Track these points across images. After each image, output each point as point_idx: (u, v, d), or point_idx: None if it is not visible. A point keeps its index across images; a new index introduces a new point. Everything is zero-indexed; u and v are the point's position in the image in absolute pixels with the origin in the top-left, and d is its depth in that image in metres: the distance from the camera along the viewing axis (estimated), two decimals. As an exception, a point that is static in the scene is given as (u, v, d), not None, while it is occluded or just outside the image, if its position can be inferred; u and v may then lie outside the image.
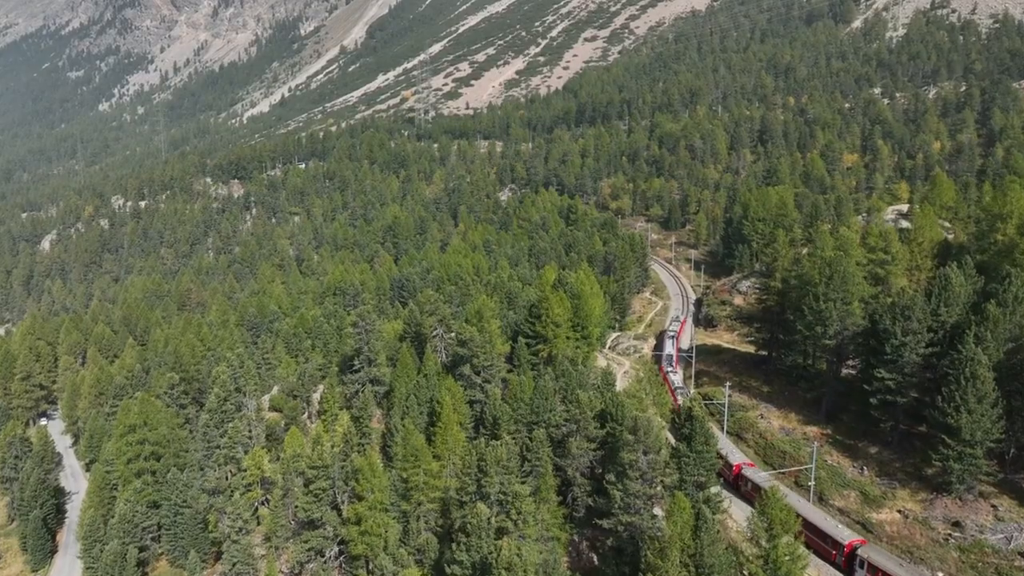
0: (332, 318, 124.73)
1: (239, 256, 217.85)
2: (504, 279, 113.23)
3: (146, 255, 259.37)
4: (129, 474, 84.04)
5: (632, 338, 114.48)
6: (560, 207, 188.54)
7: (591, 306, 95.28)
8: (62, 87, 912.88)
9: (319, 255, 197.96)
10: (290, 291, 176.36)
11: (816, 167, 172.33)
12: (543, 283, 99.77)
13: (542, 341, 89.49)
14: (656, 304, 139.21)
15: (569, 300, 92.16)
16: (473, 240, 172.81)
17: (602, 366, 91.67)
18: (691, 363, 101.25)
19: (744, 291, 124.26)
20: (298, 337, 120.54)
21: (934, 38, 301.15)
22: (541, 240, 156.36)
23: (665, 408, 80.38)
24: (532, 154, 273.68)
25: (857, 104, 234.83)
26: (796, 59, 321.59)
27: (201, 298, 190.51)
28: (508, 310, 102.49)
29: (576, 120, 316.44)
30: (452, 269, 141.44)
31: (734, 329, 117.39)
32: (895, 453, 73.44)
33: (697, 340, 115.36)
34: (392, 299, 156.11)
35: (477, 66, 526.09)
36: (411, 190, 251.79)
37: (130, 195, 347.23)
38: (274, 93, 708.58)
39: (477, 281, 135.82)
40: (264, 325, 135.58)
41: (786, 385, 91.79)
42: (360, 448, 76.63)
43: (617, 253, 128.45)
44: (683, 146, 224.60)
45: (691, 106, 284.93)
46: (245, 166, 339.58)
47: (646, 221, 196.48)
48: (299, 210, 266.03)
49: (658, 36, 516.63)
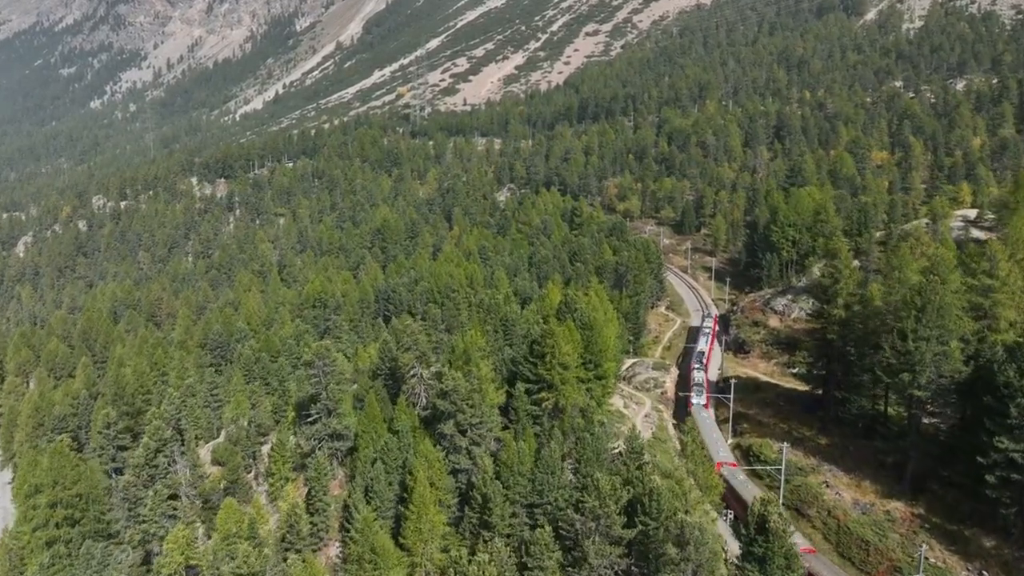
0: (304, 339, 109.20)
1: (217, 261, 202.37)
2: (500, 302, 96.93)
3: (121, 259, 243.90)
4: (37, 544, 68.62)
5: (651, 367, 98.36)
6: (563, 209, 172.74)
7: (606, 337, 78.97)
8: (54, 84, 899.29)
9: (301, 261, 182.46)
10: (268, 301, 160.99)
11: (846, 165, 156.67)
12: (546, 306, 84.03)
13: (546, 387, 72.20)
14: (674, 322, 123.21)
15: (579, 331, 75.83)
16: (468, 246, 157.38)
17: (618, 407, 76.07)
18: (726, 402, 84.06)
19: (780, 310, 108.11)
20: (261, 365, 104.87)
21: (955, 29, 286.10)
22: (543, 247, 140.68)
23: (714, 493, 62.53)
24: (532, 152, 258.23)
25: (880, 98, 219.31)
26: (809, 52, 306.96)
27: (172, 308, 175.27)
28: (504, 342, 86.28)
29: (578, 116, 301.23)
30: (443, 280, 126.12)
31: (770, 356, 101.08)
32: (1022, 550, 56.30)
33: (727, 369, 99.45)
34: (377, 312, 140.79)
35: (475, 61, 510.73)
36: (403, 190, 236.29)
37: (111, 195, 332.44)
38: (268, 90, 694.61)
39: (471, 294, 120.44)
40: (229, 345, 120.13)
41: (850, 437, 73.77)
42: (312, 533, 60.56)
43: (630, 264, 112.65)
44: (694, 143, 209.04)
45: (700, 101, 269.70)
46: (232, 164, 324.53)
47: (657, 224, 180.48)
48: (285, 211, 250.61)
49: (662, 30, 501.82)
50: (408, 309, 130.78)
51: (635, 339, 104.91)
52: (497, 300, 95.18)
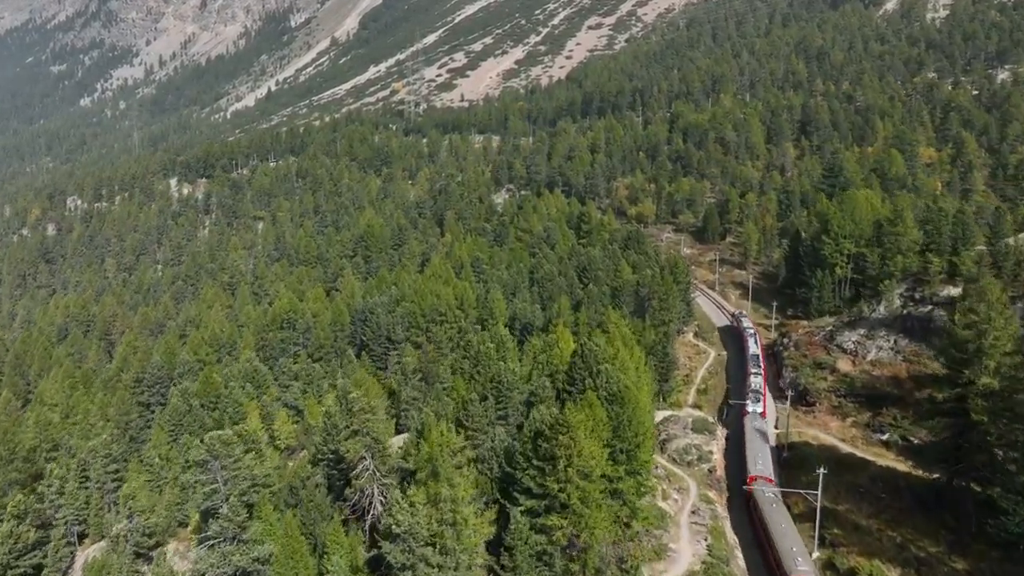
0: (253, 380, 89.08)
1: (183, 271, 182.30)
2: (490, 352, 75.19)
3: (86, 266, 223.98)
4: None
5: (690, 427, 77.21)
6: (569, 214, 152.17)
7: (641, 409, 57.96)
8: (43, 82, 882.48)
9: (274, 271, 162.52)
10: (233, 320, 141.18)
11: (894, 164, 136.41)
12: (556, 358, 63.71)
13: (558, 508, 49.70)
14: (706, 354, 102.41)
15: (605, 405, 55.06)
16: (460, 256, 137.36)
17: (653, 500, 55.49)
18: (809, 500, 60.23)
19: (851, 349, 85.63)
20: (194, 417, 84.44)
21: (987, 17, 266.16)
22: (546, 260, 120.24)
23: None
24: (533, 149, 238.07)
25: (915, 89, 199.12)
26: (829, 43, 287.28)
27: (129, 326, 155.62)
28: (496, 413, 65.09)
29: (582, 112, 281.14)
30: (428, 301, 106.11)
31: (844, 412, 78.71)
32: None
33: (790, 429, 77.28)
34: (353, 336, 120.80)
35: (473, 56, 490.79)
36: (392, 191, 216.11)
37: (86, 196, 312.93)
38: (261, 87, 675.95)
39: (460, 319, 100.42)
40: (172, 382, 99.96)
41: (1003, 560, 51.49)
42: None
43: (654, 285, 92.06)
44: (712, 139, 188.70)
45: (714, 95, 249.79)
46: (214, 164, 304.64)
47: (675, 231, 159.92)
48: (265, 214, 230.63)
49: (668, 23, 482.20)
50: (387, 334, 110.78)
51: (663, 380, 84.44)
52: (488, 349, 74.66)
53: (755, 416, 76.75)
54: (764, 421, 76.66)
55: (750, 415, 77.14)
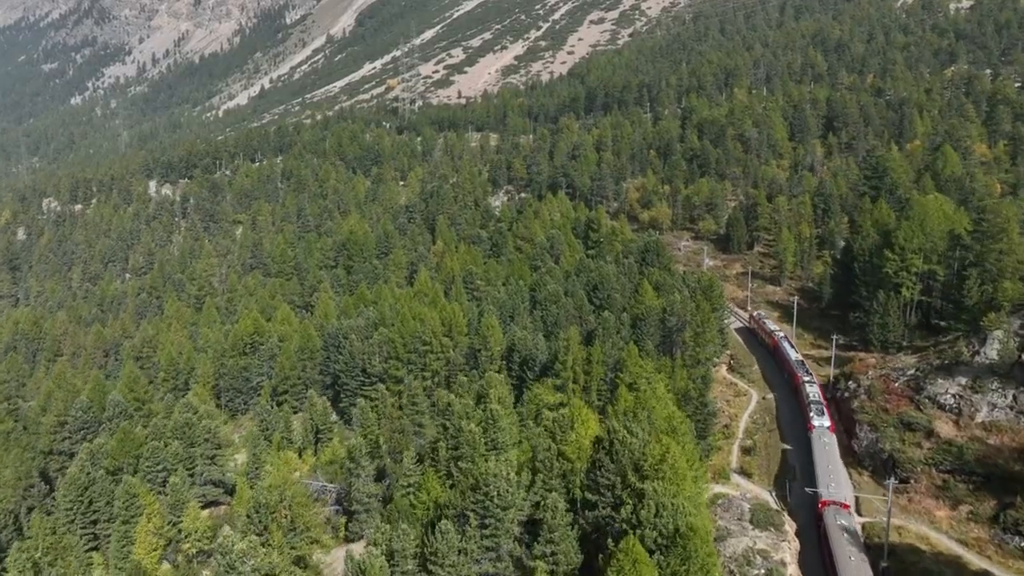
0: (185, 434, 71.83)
1: (148, 282, 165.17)
2: (475, 438, 57.57)
3: (51, 274, 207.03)
4: None
5: (746, 516, 56.42)
6: (575, 221, 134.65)
7: (707, 550, 39.85)
8: (34, 80, 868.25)
9: (244, 284, 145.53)
10: (195, 342, 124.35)
11: (950, 163, 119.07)
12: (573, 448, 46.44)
13: None
14: (746, 394, 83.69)
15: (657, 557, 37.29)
16: (451, 269, 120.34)
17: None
18: None
19: (951, 404, 64.74)
20: (98, 489, 67.11)
21: (1017, 6, 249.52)
22: (550, 277, 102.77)
23: None
24: (534, 148, 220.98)
25: (952, 82, 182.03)
26: (847, 34, 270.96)
27: (81, 345, 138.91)
28: (484, 547, 47.10)
29: (585, 108, 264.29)
30: (410, 326, 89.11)
31: (955, 497, 58.43)
32: None
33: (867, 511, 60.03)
34: (326, 365, 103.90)
35: (472, 52, 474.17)
36: (382, 193, 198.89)
37: (62, 197, 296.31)
38: (254, 85, 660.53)
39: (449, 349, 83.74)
40: (94, 430, 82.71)
41: None
42: None
43: (687, 314, 73.91)
44: (730, 136, 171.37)
45: (727, 89, 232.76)
46: (197, 164, 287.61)
47: (693, 239, 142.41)
48: (245, 218, 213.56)
49: (673, 17, 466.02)
50: (362, 365, 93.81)
51: (700, 436, 66.76)
52: (473, 435, 56.67)
53: (837, 511, 57.73)
54: (850, 516, 58.41)
55: (830, 508, 57.95)
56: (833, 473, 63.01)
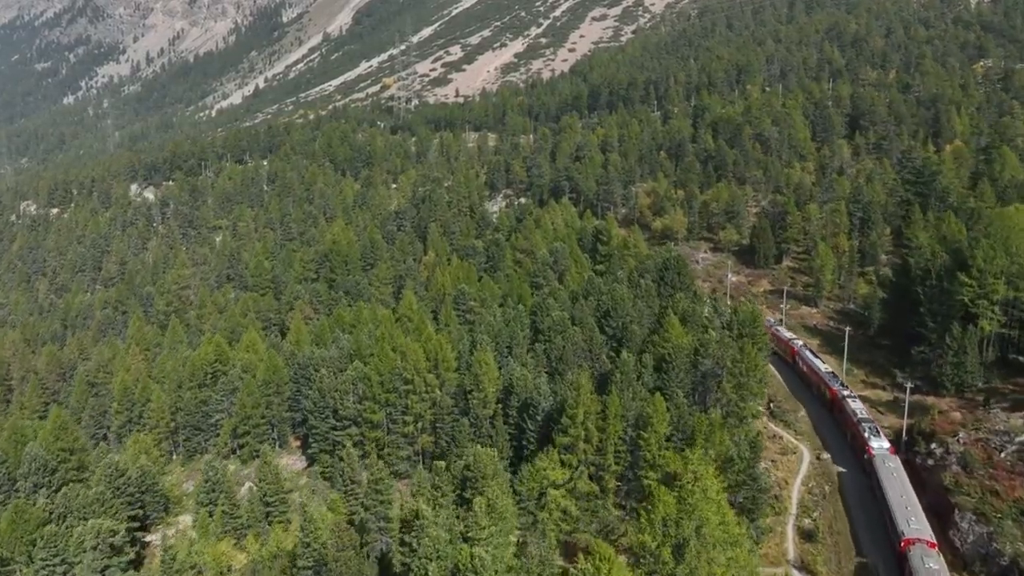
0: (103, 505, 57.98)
1: (113, 295, 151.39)
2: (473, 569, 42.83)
3: (16, 285, 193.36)
4: None
5: None
6: (580, 231, 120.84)
7: None
8: (26, 79, 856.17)
9: (214, 300, 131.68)
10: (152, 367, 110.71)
11: (1009, 165, 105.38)
12: None
13: None
14: (796, 451, 68.03)
15: None
16: (441, 285, 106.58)
17: None
18: None
19: None
20: None
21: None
22: (554, 300, 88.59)
23: None
24: (535, 148, 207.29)
25: (988, 77, 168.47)
26: (864, 28, 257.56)
27: (30, 371, 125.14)
28: None
29: (589, 106, 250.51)
30: (389, 362, 75.28)
31: None
32: None
33: None
34: (294, 401, 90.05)
35: (470, 49, 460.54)
36: (371, 198, 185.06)
37: (41, 200, 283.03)
38: (249, 84, 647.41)
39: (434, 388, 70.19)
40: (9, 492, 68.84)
41: None
42: None
43: (728, 360, 58.77)
44: (747, 136, 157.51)
45: (739, 85, 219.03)
46: (181, 165, 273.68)
47: (712, 250, 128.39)
48: (225, 224, 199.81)
49: (678, 13, 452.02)
50: (333, 406, 79.95)
51: (749, 514, 52.59)
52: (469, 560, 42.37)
53: (924, 551, 47.12)
54: (939, 557, 46.27)
55: (916, 548, 47.15)
56: (910, 505, 52.53)
